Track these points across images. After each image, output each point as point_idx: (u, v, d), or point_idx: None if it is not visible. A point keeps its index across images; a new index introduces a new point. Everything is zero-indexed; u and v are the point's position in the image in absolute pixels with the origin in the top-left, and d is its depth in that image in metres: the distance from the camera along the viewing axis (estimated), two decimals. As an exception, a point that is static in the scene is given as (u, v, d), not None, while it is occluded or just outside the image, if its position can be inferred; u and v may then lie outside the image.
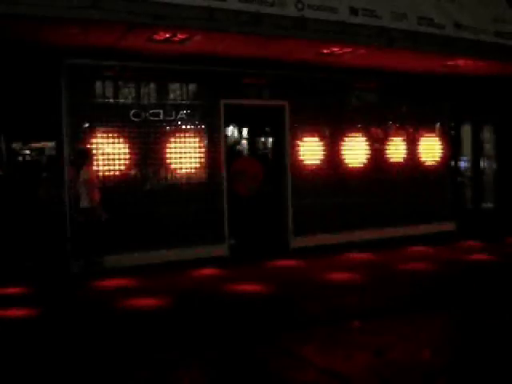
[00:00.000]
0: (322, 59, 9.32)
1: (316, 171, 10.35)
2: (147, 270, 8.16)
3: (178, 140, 9.12)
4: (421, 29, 8.90)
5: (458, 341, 5.16)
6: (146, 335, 5.38)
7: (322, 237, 10.19)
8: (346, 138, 10.67)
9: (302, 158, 10.22)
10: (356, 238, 10.36)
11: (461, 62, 9.99)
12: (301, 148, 10.21)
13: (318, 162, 10.38)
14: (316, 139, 10.37)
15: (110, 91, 8.72)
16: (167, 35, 7.48)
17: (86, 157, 8.08)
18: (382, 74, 10.70)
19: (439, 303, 6.39)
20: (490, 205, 12.83)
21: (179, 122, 9.18)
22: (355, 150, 10.78)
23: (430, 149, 11.72)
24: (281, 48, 8.52)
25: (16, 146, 8.37)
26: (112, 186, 8.60)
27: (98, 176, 8.21)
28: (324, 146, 10.43)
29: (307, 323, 5.69)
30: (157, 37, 7.51)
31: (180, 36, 7.58)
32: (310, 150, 10.31)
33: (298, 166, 10.17)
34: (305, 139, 10.24)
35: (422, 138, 11.61)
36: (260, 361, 4.65)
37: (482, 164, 12.88)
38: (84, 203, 7.89)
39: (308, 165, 10.29)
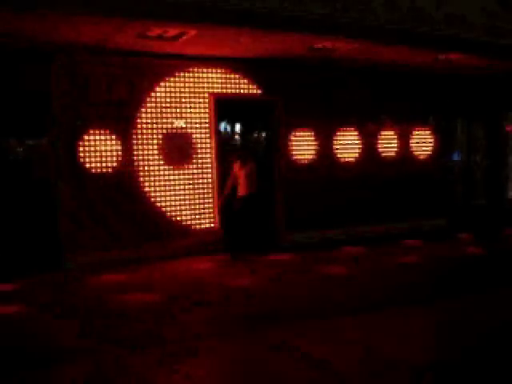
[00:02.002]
0: (314, 54, 9.36)
1: (308, 166, 10.43)
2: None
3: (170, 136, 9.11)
4: (414, 24, 8.95)
5: (449, 334, 5.22)
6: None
7: (315, 232, 10.28)
8: (338, 134, 10.74)
9: (294, 153, 10.29)
10: (348, 234, 10.46)
11: (453, 57, 10.05)
12: (293, 143, 10.28)
13: (310, 157, 10.45)
14: (308, 134, 10.42)
15: (103, 87, 8.70)
16: (159, 31, 7.50)
17: (251, 153, 9.25)
18: (375, 69, 10.76)
19: (430, 297, 6.46)
20: (481, 200, 12.94)
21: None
22: (347, 146, 10.87)
23: (422, 145, 11.82)
24: (273, 42, 8.54)
25: (7, 142, 8.33)
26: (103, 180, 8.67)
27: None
28: (316, 141, 10.50)
29: (298, 317, 5.75)
30: (149, 33, 7.52)
31: (173, 32, 7.59)
32: (303, 146, 10.38)
33: (290, 161, 10.24)
34: (297, 134, 10.30)
35: (414, 134, 11.71)
36: (253, 354, 4.71)
37: (473, 160, 12.98)
38: (243, 192, 8.95)
39: (300, 160, 10.36)
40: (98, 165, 8.55)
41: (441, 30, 9.17)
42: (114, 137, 8.64)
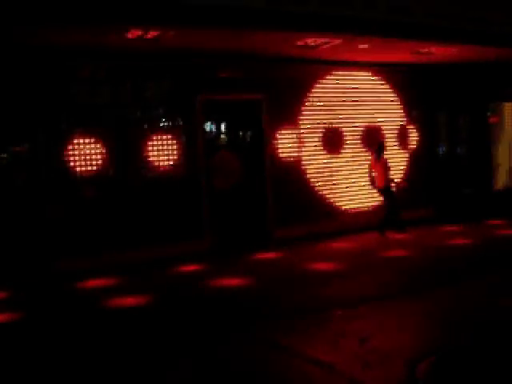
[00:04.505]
0: (297, 52, 9.36)
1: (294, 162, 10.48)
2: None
3: (156, 137, 9.10)
4: (393, 17, 8.94)
5: (440, 325, 5.25)
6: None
7: (303, 226, 10.33)
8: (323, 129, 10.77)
9: (279, 150, 10.28)
10: (335, 227, 10.49)
11: (434, 50, 10.09)
12: (278, 140, 10.26)
13: (296, 153, 10.46)
14: (293, 131, 10.42)
15: (85, 91, 8.63)
16: (139, 33, 7.46)
17: (383, 148, 10.21)
18: (358, 64, 10.79)
19: (418, 289, 6.52)
20: (467, 189, 13.00)
21: (157, 119, 9.18)
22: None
23: (407, 136, 11.86)
24: (255, 41, 8.52)
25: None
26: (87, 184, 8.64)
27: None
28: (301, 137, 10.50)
29: (292, 313, 5.77)
30: (129, 35, 7.48)
31: (153, 33, 7.55)
32: (288, 143, 10.39)
33: (276, 158, 10.24)
34: (282, 132, 10.30)
35: (398, 126, 11.75)
36: (246, 351, 4.72)
37: (458, 150, 13.04)
38: (378, 184, 10.10)
39: (286, 157, 10.36)
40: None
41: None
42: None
